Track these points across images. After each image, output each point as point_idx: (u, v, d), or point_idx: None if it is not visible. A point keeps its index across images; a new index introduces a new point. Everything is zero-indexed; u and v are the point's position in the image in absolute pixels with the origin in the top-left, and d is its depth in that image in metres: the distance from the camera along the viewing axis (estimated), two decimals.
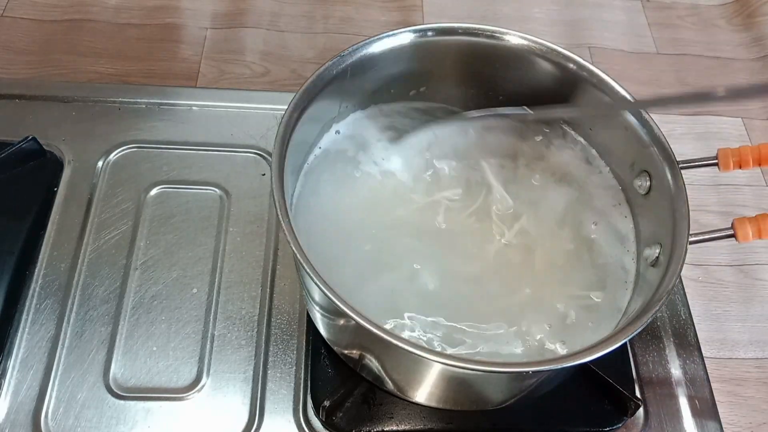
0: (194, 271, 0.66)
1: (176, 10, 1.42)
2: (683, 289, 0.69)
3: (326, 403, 0.56)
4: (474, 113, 0.60)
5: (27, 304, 0.63)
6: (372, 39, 0.56)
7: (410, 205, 0.59)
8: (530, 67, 0.59)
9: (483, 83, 0.63)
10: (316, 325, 0.59)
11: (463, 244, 0.57)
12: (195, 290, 0.64)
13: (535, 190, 0.60)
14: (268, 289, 0.65)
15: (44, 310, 0.62)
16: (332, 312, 0.51)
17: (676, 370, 0.64)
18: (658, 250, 0.52)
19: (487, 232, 0.58)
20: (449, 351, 0.51)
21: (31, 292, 0.63)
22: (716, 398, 0.63)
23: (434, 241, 0.57)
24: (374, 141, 0.61)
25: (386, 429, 0.58)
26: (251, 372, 0.61)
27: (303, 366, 0.61)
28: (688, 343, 0.66)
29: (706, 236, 0.51)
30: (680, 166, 0.52)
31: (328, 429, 0.58)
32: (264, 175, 0.72)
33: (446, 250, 0.56)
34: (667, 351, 0.65)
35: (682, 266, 0.47)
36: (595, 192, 0.60)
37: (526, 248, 0.57)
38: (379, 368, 0.54)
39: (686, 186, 0.51)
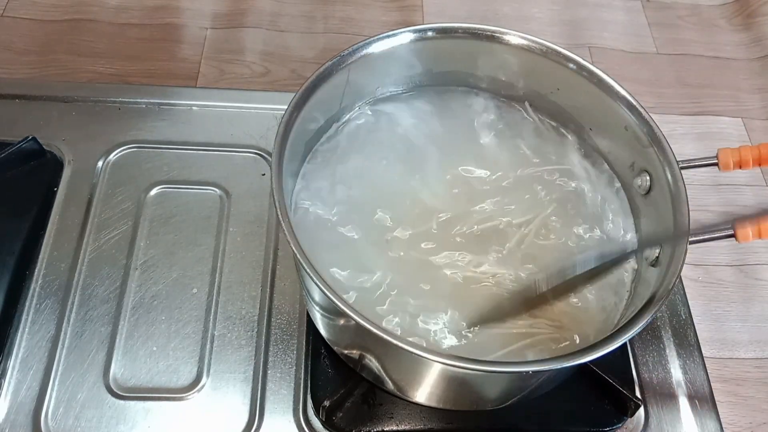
0: (194, 271, 0.66)
1: (176, 10, 1.42)
2: (683, 289, 0.69)
3: (326, 403, 0.56)
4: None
5: (27, 304, 0.63)
6: (372, 39, 0.56)
7: (409, 203, 0.58)
8: (530, 66, 0.59)
9: (482, 83, 0.63)
10: (316, 325, 0.59)
11: (463, 249, 0.57)
12: (195, 290, 0.64)
13: (534, 192, 0.60)
14: (268, 289, 0.65)
15: (44, 310, 0.62)
16: (332, 312, 0.51)
17: (676, 370, 0.64)
18: (658, 250, 0.52)
19: (486, 239, 0.57)
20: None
21: (31, 292, 0.63)
22: (716, 398, 0.63)
23: (430, 241, 0.57)
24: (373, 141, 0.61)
25: (386, 429, 0.58)
26: (251, 372, 0.61)
27: (303, 366, 0.61)
28: (688, 343, 0.66)
29: (706, 236, 0.51)
30: (680, 166, 0.52)
31: (328, 429, 0.58)
32: (264, 175, 0.72)
33: (443, 256, 0.56)
34: (667, 351, 0.65)
35: (682, 266, 0.47)
36: (594, 192, 0.60)
37: (525, 252, 0.57)
38: (379, 368, 0.54)
39: (686, 186, 0.51)
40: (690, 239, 0.48)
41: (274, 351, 0.62)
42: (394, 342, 0.42)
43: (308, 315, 0.63)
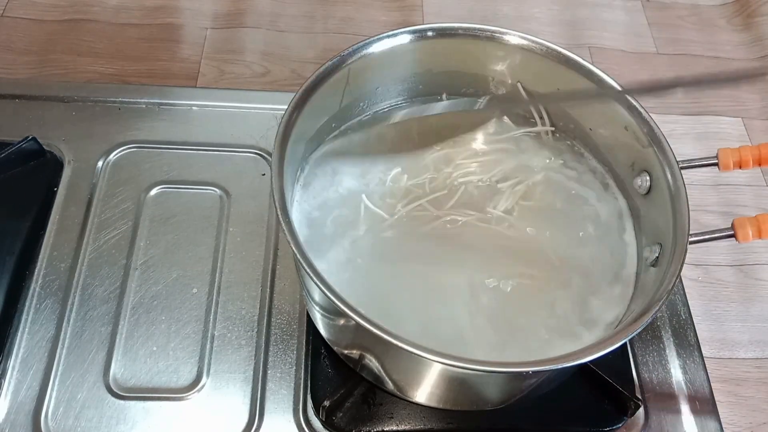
0: (194, 271, 0.65)
1: (176, 10, 1.42)
2: (683, 289, 0.69)
3: (326, 403, 0.56)
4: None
5: (27, 304, 0.63)
6: (372, 39, 0.56)
7: (409, 203, 0.59)
8: (530, 66, 0.59)
9: (482, 83, 0.63)
10: (316, 325, 0.59)
11: (462, 246, 0.57)
12: (195, 290, 0.64)
13: (533, 192, 0.60)
14: (268, 289, 0.65)
15: (44, 310, 0.62)
16: (332, 312, 0.51)
17: (676, 370, 0.64)
18: (658, 250, 0.52)
19: (482, 233, 0.57)
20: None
21: (31, 292, 0.63)
22: (716, 398, 0.63)
23: (433, 242, 0.57)
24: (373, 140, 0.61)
25: (386, 429, 0.58)
26: (251, 372, 0.61)
27: (303, 366, 0.61)
28: (688, 343, 0.66)
29: (706, 236, 0.51)
30: (680, 166, 0.52)
31: (328, 429, 0.58)
32: (264, 175, 0.72)
33: (445, 253, 0.56)
34: (667, 351, 0.65)
35: (682, 266, 0.47)
36: (594, 192, 0.60)
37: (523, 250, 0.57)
38: (379, 368, 0.54)
39: (686, 186, 0.51)
40: (690, 239, 0.48)
41: (274, 351, 0.62)
42: (394, 342, 0.42)
43: (308, 315, 0.63)
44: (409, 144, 0.61)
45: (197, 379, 0.60)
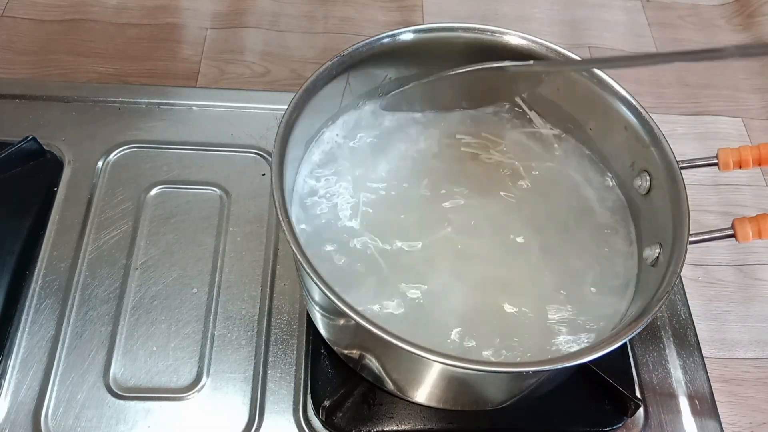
0: (194, 271, 0.66)
1: (176, 10, 1.42)
2: (683, 289, 0.69)
3: (326, 403, 0.56)
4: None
5: (27, 304, 0.63)
6: (372, 39, 0.56)
7: (410, 203, 0.59)
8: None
9: (482, 82, 0.63)
10: (316, 325, 0.59)
11: (466, 248, 0.57)
12: (195, 290, 0.64)
13: (533, 192, 0.60)
14: (268, 289, 0.65)
15: (44, 310, 0.62)
16: (332, 312, 0.51)
17: (676, 370, 0.64)
18: (658, 250, 0.52)
19: (486, 235, 0.58)
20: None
21: (31, 292, 0.63)
22: (716, 398, 0.63)
23: (434, 239, 0.57)
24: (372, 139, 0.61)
25: (386, 429, 0.58)
26: (251, 372, 0.61)
27: (303, 366, 0.61)
28: (688, 343, 0.66)
29: (706, 236, 0.51)
30: (680, 166, 0.52)
31: (328, 429, 0.58)
32: (264, 175, 0.73)
33: (447, 252, 0.56)
34: (667, 351, 0.65)
35: (682, 266, 0.47)
36: (594, 193, 0.60)
37: (524, 250, 0.57)
38: (379, 368, 0.54)
39: (686, 186, 0.51)
40: (690, 239, 0.48)
41: (274, 351, 0.62)
42: (394, 342, 0.42)
43: (308, 315, 0.63)
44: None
45: (197, 379, 0.60)
